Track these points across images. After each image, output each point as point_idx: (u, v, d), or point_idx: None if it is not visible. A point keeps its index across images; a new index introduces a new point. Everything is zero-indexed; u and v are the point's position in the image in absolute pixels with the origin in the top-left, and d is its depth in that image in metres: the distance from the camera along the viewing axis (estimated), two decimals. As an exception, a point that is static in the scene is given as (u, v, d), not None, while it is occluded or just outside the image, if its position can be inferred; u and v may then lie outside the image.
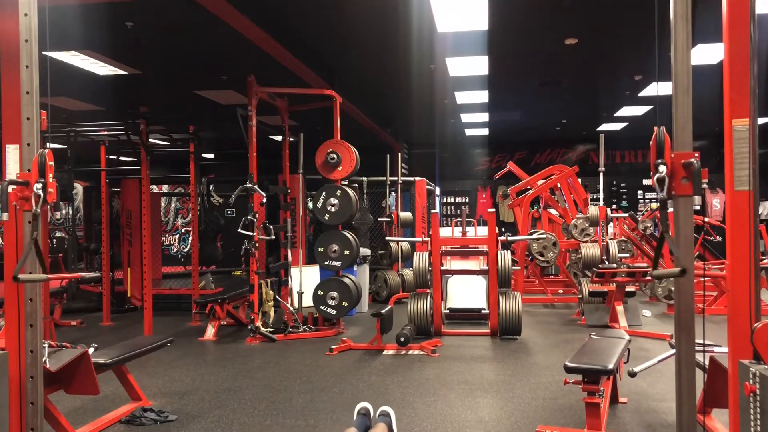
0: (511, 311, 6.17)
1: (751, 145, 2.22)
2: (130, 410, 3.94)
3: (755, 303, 2.20)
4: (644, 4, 5.38)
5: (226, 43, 6.23)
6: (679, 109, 2.30)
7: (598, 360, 3.43)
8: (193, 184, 7.73)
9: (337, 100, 6.85)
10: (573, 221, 8.26)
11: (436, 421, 3.77)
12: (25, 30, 2.70)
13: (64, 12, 4.78)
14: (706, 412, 3.32)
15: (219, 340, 6.45)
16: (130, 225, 8.64)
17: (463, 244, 7.10)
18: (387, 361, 5.39)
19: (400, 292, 8.59)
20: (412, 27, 6.11)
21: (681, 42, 2.27)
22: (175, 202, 14.55)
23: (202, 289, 8.11)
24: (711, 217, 11.56)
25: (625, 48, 7.13)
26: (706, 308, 6.52)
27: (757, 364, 2.04)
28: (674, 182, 2.24)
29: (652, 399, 4.14)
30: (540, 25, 6.31)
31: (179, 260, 13.65)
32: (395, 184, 9.49)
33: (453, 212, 14.93)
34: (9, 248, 2.78)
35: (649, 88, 8.97)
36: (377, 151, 9.90)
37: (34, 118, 2.73)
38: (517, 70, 8.19)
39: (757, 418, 1.96)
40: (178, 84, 8.19)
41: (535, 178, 9.25)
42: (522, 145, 14.46)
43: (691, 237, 2.33)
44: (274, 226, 6.76)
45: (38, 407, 2.75)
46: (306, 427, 3.72)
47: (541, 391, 4.37)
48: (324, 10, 5.78)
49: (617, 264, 7.25)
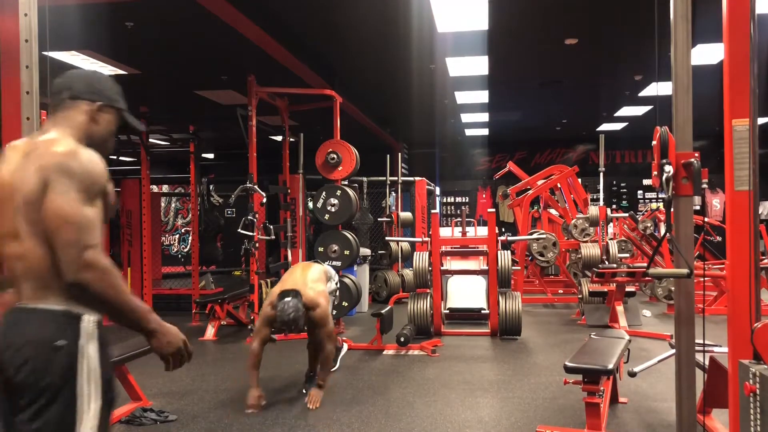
0: (511, 311, 6.17)
1: (751, 145, 2.22)
2: (130, 410, 3.94)
3: (755, 303, 2.20)
4: (644, 4, 5.38)
5: (226, 43, 6.22)
6: (679, 109, 2.30)
7: (598, 360, 3.43)
8: (193, 184, 7.73)
9: (337, 100, 6.85)
10: (573, 221, 8.26)
11: (436, 421, 3.77)
12: (25, 30, 2.70)
13: (64, 12, 4.77)
14: (706, 412, 3.32)
15: (219, 340, 6.45)
16: (130, 225, 8.63)
17: (463, 244, 7.09)
18: (387, 361, 5.39)
19: (400, 292, 8.58)
20: (412, 27, 6.11)
21: (681, 42, 2.28)
22: (175, 202, 14.55)
23: (202, 289, 8.10)
24: (711, 217, 11.56)
25: (625, 48, 7.13)
26: (706, 308, 6.52)
27: (757, 364, 2.04)
28: (674, 182, 2.25)
29: (652, 399, 4.14)
30: (540, 25, 6.31)
31: (179, 260, 13.64)
32: (395, 184, 9.48)
33: (453, 212, 14.93)
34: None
35: (649, 88, 8.97)
36: (377, 151, 9.90)
37: (34, 118, 2.73)
38: (517, 70, 8.19)
39: (757, 418, 1.97)
40: (178, 84, 8.19)
41: (535, 178, 9.25)
42: (522, 145, 14.46)
43: (691, 237, 2.33)
44: (274, 226, 6.76)
45: (38, 407, 2.74)
46: (306, 427, 3.72)
47: (541, 391, 4.37)
48: (324, 10, 5.77)
49: (617, 264, 7.25)
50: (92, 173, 1.58)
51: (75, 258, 1.50)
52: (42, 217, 1.53)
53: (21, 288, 1.61)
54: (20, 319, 1.57)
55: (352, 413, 3.95)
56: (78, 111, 1.72)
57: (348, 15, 5.92)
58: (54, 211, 1.52)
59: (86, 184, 1.56)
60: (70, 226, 1.51)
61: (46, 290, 1.57)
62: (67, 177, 1.53)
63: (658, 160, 2.24)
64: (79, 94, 1.73)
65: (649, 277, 3.42)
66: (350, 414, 3.93)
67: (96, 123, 1.75)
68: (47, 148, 1.59)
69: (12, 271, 1.63)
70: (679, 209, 2.29)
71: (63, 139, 1.63)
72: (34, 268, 1.57)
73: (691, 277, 2.18)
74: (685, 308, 2.32)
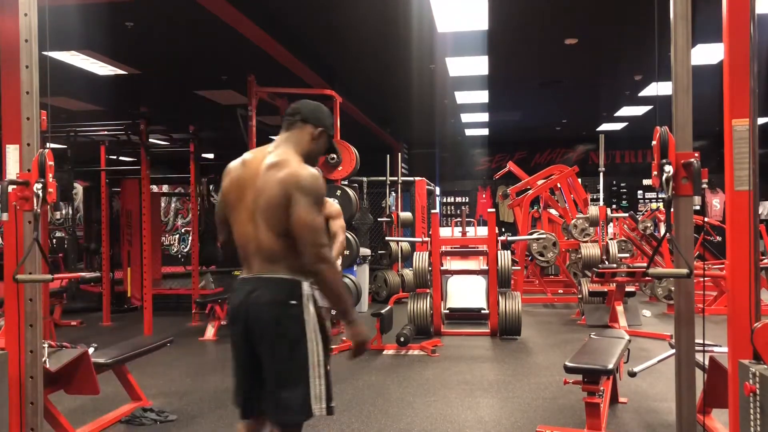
0: (510, 311, 6.17)
1: (751, 145, 2.22)
2: (130, 410, 3.94)
3: (755, 303, 2.20)
4: (644, 4, 5.37)
5: (226, 43, 6.23)
6: (679, 109, 2.30)
7: (598, 360, 3.43)
8: (193, 184, 7.72)
9: (337, 100, 6.85)
10: (573, 221, 8.26)
11: (436, 421, 3.77)
12: (25, 30, 2.70)
13: (64, 12, 4.77)
14: (706, 412, 3.31)
15: (219, 340, 6.45)
16: (130, 225, 8.63)
17: (463, 244, 7.09)
18: (387, 361, 5.39)
19: (399, 292, 8.58)
20: (412, 27, 6.11)
21: (681, 42, 2.27)
22: (175, 202, 14.54)
23: (202, 289, 8.10)
24: (711, 217, 11.55)
25: (625, 48, 7.13)
26: (706, 308, 6.51)
27: (757, 364, 2.04)
28: (674, 182, 2.24)
29: (652, 399, 4.14)
30: (540, 25, 6.31)
31: (179, 260, 13.64)
32: (395, 184, 9.48)
33: (453, 212, 14.93)
34: (9, 248, 2.78)
35: (649, 88, 8.97)
36: (377, 151, 9.90)
37: (34, 118, 2.73)
38: (517, 70, 8.19)
39: (757, 418, 1.96)
40: (178, 84, 8.19)
41: (535, 178, 9.24)
42: (522, 145, 14.45)
43: (691, 237, 2.33)
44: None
45: (38, 407, 2.75)
46: (306, 427, 3.70)
47: (541, 391, 4.37)
48: (324, 10, 5.77)
49: (617, 264, 7.24)
50: (319, 190, 2.15)
51: (315, 253, 2.08)
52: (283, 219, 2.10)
53: (251, 262, 2.19)
54: (261, 284, 2.16)
55: (352, 413, 3.95)
56: (305, 132, 2.28)
57: (348, 15, 5.92)
58: (298, 221, 2.08)
59: (316, 198, 2.12)
60: (310, 231, 2.08)
61: (275, 265, 2.14)
62: (304, 194, 2.09)
63: (658, 160, 2.24)
64: (307, 119, 2.29)
65: (649, 277, 3.42)
66: (350, 414, 3.93)
67: (315, 143, 2.30)
68: (289, 167, 2.15)
69: (244, 248, 2.21)
70: (679, 209, 2.29)
71: (296, 159, 2.19)
72: (267, 249, 2.14)
73: (691, 277, 2.17)
74: (685, 308, 2.31)
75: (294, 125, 2.28)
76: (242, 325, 2.16)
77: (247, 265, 2.21)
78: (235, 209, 2.22)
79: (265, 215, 2.12)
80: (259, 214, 2.14)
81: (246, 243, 2.19)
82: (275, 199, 2.11)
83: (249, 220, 2.17)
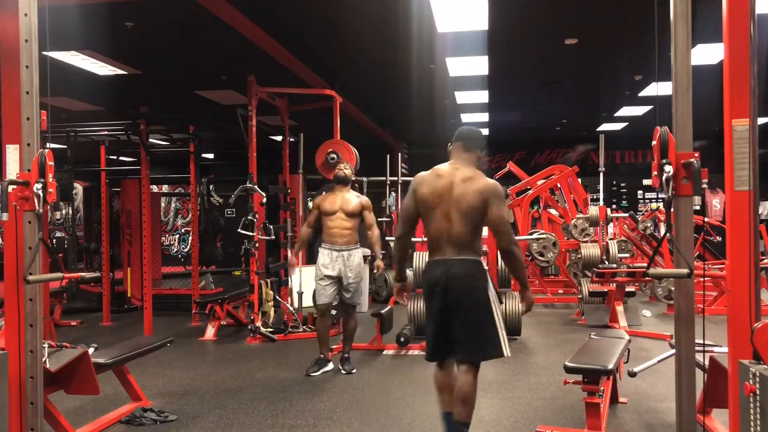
0: (510, 311, 6.17)
1: (751, 145, 2.22)
2: (130, 410, 3.94)
3: (755, 303, 2.20)
4: (644, 4, 5.37)
5: (226, 43, 6.23)
6: (679, 109, 2.30)
7: (598, 360, 3.43)
8: (193, 184, 7.72)
9: (337, 100, 6.85)
10: (573, 221, 8.26)
11: (436, 421, 3.76)
12: (25, 30, 2.70)
13: (64, 12, 4.78)
14: (706, 412, 3.31)
15: (219, 340, 6.45)
16: (130, 225, 8.63)
17: (463, 244, 7.08)
18: (387, 361, 5.39)
19: (400, 292, 8.56)
20: (412, 27, 6.11)
21: (681, 42, 2.28)
22: (175, 202, 14.55)
23: (202, 289, 8.10)
24: (711, 217, 11.55)
25: (625, 48, 7.13)
26: (706, 308, 6.51)
27: (757, 364, 2.04)
28: (674, 182, 2.24)
29: (652, 399, 4.14)
30: (540, 25, 6.31)
31: (179, 260, 13.64)
32: (395, 184, 9.48)
33: (453, 212, 14.90)
34: (9, 249, 2.77)
35: (649, 88, 8.97)
36: (377, 151, 9.90)
37: (34, 118, 2.73)
38: (517, 70, 8.19)
39: (757, 418, 1.97)
40: (178, 84, 8.19)
41: (535, 178, 9.24)
42: (522, 145, 14.45)
43: (691, 237, 2.33)
44: (274, 226, 6.75)
45: (38, 407, 2.75)
46: (306, 427, 3.72)
47: (541, 391, 4.37)
48: (324, 10, 5.78)
49: (617, 264, 7.24)
50: (503, 195, 3.02)
51: (509, 239, 2.98)
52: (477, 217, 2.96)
53: (445, 249, 2.99)
54: (456, 264, 2.97)
55: (352, 413, 3.95)
56: (474, 155, 3.15)
57: (348, 15, 5.92)
58: (496, 218, 2.96)
59: (504, 201, 3.00)
60: (504, 224, 2.98)
61: (465, 250, 2.98)
62: (498, 198, 2.97)
63: (658, 160, 2.24)
64: (478, 147, 3.17)
65: (649, 277, 3.42)
66: (350, 414, 3.94)
67: (479, 162, 3.16)
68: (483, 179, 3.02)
69: (438, 239, 3.01)
70: (679, 209, 2.29)
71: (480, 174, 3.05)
72: (458, 238, 2.97)
73: (691, 277, 2.17)
74: (685, 308, 2.32)
75: (471, 150, 3.13)
76: (442, 294, 2.96)
77: (440, 251, 3.00)
78: (433, 210, 3.01)
79: (463, 214, 2.95)
80: (456, 213, 2.96)
81: (440, 235, 3.00)
82: (475, 202, 2.94)
83: (443, 218, 2.98)
